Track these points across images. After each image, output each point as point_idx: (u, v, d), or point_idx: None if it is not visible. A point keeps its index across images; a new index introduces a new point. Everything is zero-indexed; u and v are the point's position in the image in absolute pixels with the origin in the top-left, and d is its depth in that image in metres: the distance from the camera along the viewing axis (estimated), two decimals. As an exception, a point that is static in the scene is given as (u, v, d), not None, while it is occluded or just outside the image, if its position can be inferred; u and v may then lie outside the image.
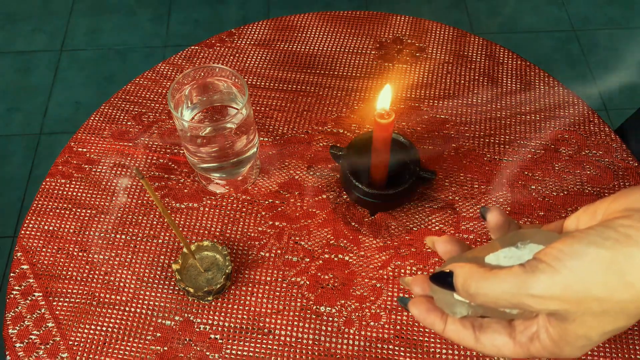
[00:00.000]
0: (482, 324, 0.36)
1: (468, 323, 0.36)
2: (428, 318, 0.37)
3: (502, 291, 0.31)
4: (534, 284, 0.30)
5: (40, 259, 0.62)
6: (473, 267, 0.33)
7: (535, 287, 0.30)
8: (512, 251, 0.34)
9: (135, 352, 0.56)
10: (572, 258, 0.29)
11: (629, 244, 0.29)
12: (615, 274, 0.29)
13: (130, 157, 0.69)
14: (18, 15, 1.84)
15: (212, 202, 0.65)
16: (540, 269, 0.30)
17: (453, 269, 0.34)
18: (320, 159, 0.68)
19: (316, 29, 0.82)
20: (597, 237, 0.30)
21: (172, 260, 0.61)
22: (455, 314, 0.36)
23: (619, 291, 0.29)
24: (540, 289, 0.30)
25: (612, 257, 0.29)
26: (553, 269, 0.30)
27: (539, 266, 0.30)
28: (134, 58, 1.73)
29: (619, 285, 0.29)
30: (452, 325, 0.37)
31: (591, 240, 0.30)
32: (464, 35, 0.81)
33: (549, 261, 0.30)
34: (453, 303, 0.36)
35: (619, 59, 1.71)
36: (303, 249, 0.62)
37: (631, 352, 0.55)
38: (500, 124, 0.72)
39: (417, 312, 0.38)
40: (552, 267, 0.30)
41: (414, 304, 0.38)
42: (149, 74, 0.77)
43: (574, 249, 0.30)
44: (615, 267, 0.29)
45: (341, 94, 0.75)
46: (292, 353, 0.56)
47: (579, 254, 0.29)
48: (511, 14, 1.83)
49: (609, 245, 0.29)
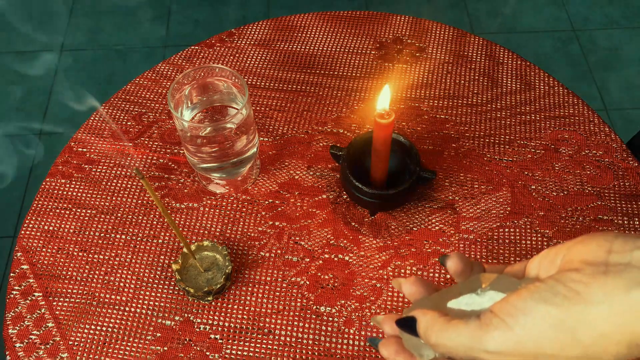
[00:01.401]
0: None
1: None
2: (397, 358, 0.38)
3: (458, 344, 0.32)
4: (487, 340, 0.31)
5: (40, 259, 0.62)
6: (434, 316, 0.34)
7: (489, 343, 0.31)
8: (473, 298, 0.35)
9: (135, 352, 0.56)
10: (524, 314, 0.30)
11: (577, 301, 0.29)
12: (564, 331, 0.29)
13: (130, 157, 0.69)
14: (18, 16, 1.84)
15: (212, 202, 0.65)
16: (493, 325, 0.31)
17: (416, 316, 0.35)
18: (320, 159, 0.68)
19: (316, 29, 0.82)
20: (547, 292, 0.30)
21: (172, 260, 0.61)
22: (422, 356, 0.37)
23: (568, 348, 0.30)
24: (493, 345, 0.31)
25: (561, 314, 0.29)
26: (506, 325, 0.31)
27: (493, 321, 0.31)
28: (134, 58, 1.73)
29: (568, 342, 0.29)
30: None
31: (542, 297, 0.30)
32: (464, 35, 0.81)
33: (503, 316, 0.31)
34: (420, 346, 0.37)
35: (619, 59, 1.71)
36: (303, 249, 0.62)
37: (631, 352, 0.55)
38: (500, 124, 0.72)
39: (387, 354, 0.39)
40: (505, 322, 0.31)
41: (383, 345, 0.39)
42: (149, 74, 0.77)
43: (526, 305, 0.30)
44: (564, 325, 0.29)
45: (341, 94, 0.75)
46: (292, 353, 0.56)
47: (530, 310, 0.30)
48: (511, 14, 1.83)
49: (558, 302, 0.30)
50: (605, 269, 0.29)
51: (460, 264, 0.39)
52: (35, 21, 1.82)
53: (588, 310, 0.29)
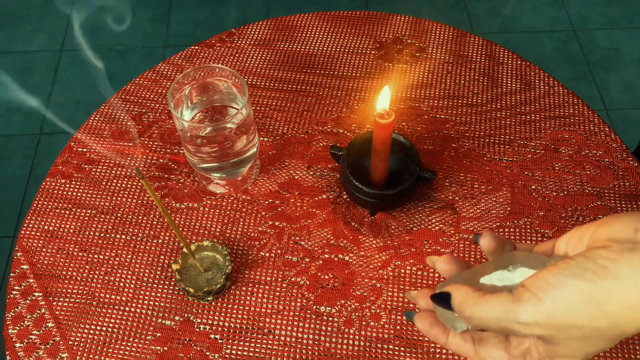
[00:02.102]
0: (482, 337, 0.39)
1: (468, 336, 0.39)
2: (432, 331, 0.40)
3: (491, 316, 0.34)
4: (520, 312, 0.33)
5: (40, 259, 0.62)
6: (468, 291, 0.36)
7: (521, 314, 0.33)
8: (504, 274, 0.37)
9: (135, 352, 0.56)
10: (555, 288, 0.32)
11: (605, 276, 0.31)
12: (593, 304, 0.31)
13: (130, 157, 0.69)
14: (18, 15, 1.84)
15: (212, 202, 0.65)
16: (525, 298, 0.33)
17: (450, 291, 0.37)
18: (320, 159, 0.68)
19: (316, 29, 0.82)
20: (577, 268, 0.32)
21: (172, 260, 0.61)
22: (456, 328, 0.39)
23: (597, 320, 0.32)
24: (525, 317, 0.33)
25: (590, 289, 0.31)
26: (537, 298, 0.32)
27: (525, 295, 0.33)
28: (134, 58, 1.73)
29: (596, 314, 0.31)
30: (453, 338, 0.40)
31: (572, 272, 0.32)
32: (464, 35, 0.81)
33: (534, 290, 0.33)
34: (453, 319, 0.38)
35: (619, 59, 1.71)
36: (303, 249, 0.62)
37: (631, 352, 0.55)
38: (500, 124, 0.72)
39: (422, 326, 0.41)
40: (536, 296, 0.33)
41: (419, 318, 0.41)
42: (149, 74, 0.77)
43: (556, 279, 0.32)
44: (593, 299, 0.31)
45: (341, 94, 0.75)
46: (292, 353, 0.56)
47: (561, 284, 0.32)
48: (511, 14, 1.83)
49: (588, 277, 0.31)
50: (632, 246, 0.31)
51: (493, 243, 0.40)
52: (35, 21, 1.82)
53: (615, 284, 0.31)
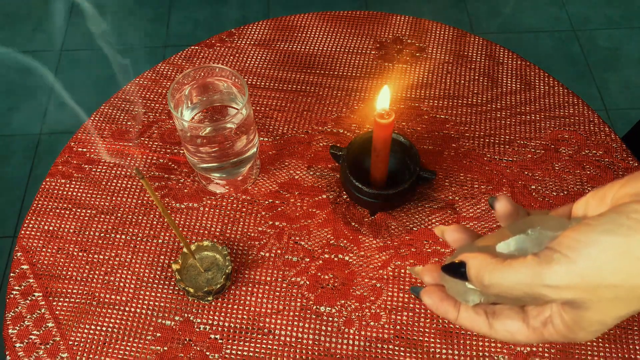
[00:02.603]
0: (495, 311, 0.36)
1: (481, 310, 0.36)
2: (441, 307, 0.37)
3: (516, 282, 0.31)
4: (549, 274, 0.30)
5: (40, 259, 0.62)
6: (486, 258, 0.33)
7: (551, 277, 0.30)
8: (523, 238, 0.34)
9: (135, 352, 0.56)
10: (588, 246, 0.30)
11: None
12: (629, 260, 0.29)
13: (130, 157, 0.69)
14: (18, 15, 1.84)
15: (212, 202, 0.65)
16: (555, 259, 0.30)
17: (465, 260, 0.34)
18: (320, 159, 0.68)
19: (316, 29, 0.82)
20: (611, 224, 0.30)
21: (172, 260, 0.61)
22: (468, 302, 0.36)
23: (632, 276, 0.29)
24: (555, 279, 0.30)
25: (626, 244, 0.29)
26: (568, 259, 0.30)
27: (554, 256, 0.30)
28: (134, 58, 1.73)
29: (634, 271, 0.29)
30: (465, 312, 0.37)
31: (605, 229, 0.30)
32: (464, 35, 0.81)
33: (564, 251, 0.30)
34: (465, 291, 0.36)
35: (619, 59, 1.71)
36: (303, 249, 0.62)
37: (631, 352, 0.55)
38: (500, 124, 0.72)
39: (430, 301, 0.38)
40: (567, 256, 0.30)
41: (426, 293, 0.38)
42: (149, 74, 0.77)
43: (589, 237, 0.30)
44: (630, 254, 0.29)
45: (341, 94, 0.75)
46: (292, 353, 0.56)
47: (594, 242, 0.29)
48: (511, 14, 1.83)
49: (623, 232, 0.29)
50: None
51: (509, 206, 0.38)
52: (35, 21, 1.82)
53: None
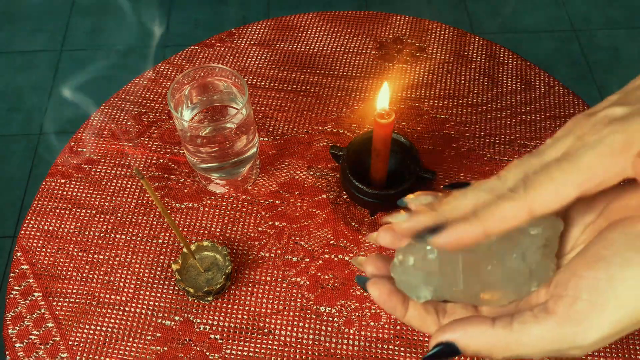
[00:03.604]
0: (446, 309, 0.33)
1: (431, 308, 0.33)
2: (389, 301, 0.32)
3: (540, 350, 0.27)
4: (580, 334, 0.26)
5: (40, 259, 0.62)
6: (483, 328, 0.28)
7: (584, 337, 0.26)
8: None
9: (135, 352, 0.56)
10: (613, 286, 0.26)
11: None
12: None
13: (130, 157, 0.69)
14: (18, 15, 1.84)
15: (212, 202, 0.65)
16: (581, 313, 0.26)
17: (454, 341, 0.29)
18: (320, 159, 0.68)
19: (316, 29, 0.82)
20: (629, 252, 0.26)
21: (172, 260, 0.61)
22: (419, 298, 0.33)
23: None
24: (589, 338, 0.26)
25: None
26: (595, 308, 0.26)
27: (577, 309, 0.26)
28: (134, 58, 1.73)
29: None
30: (414, 310, 0.33)
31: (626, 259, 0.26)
32: (464, 35, 0.81)
33: (587, 297, 0.26)
34: (416, 286, 0.32)
35: (619, 59, 1.71)
36: (303, 249, 0.62)
37: (631, 352, 0.55)
38: (500, 124, 0.72)
39: (377, 294, 0.33)
40: (593, 304, 0.26)
41: (374, 285, 0.33)
42: (149, 74, 0.77)
43: (610, 274, 0.26)
44: None
45: (341, 94, 0.75)
46: (292, 353, 0.56)
47: (620, 278, 0.26)
48: (511, 14, 1.83)
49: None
50: None
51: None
52: (35, 21, 1.82)
53: None
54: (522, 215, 0.27)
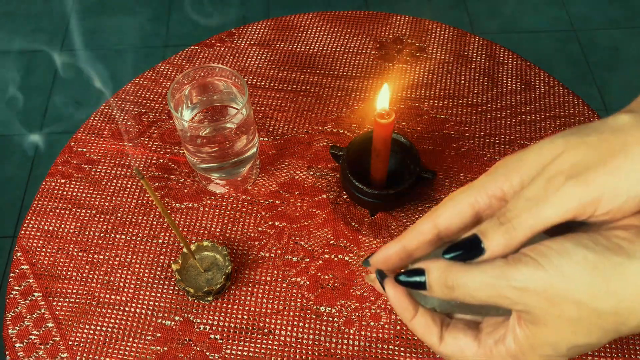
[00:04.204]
0: (449, 323, 0.35)
1: (438, 319, 0.35)
2: (403, 302, 0.34)
3: (481, 281, 0.30)
4: (515, 274, 0.29)
5: (40, 259, 0.62)
6: (449, 262, 0.32)
7: (516, 277, 0.29)
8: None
9: (135, 352, 0.56)
10: (559, 255, 0.29)
11: (618, 253, 0.28)
12: (599, 278, 0.28)
13: (130, 157, 0.69)
14: (18, 15, 1.84)
15: (212, 202, 0.65)
16: (523, 262, 0.29)
17: (424, 266, 0.33)
18: (320, 159, 0.68)
19: (316, 29, 0.82)
20: (588, 240, 0.29)
21: (172, 260, 0.61)
22: (426, 303, 0.35)
23: (599, 298, 0.28)
24: (521, 280, 0.29)
25: (599, 262, 0.28)
26: (537, 263, 0.29)
27: (523, 259, 0.29)
28: (134, 58, 1.73)
29: (601, 291, 0.28)
30: (421, 317, 0.35)
31: (581, 242, 0.29)
32: (464, 35, 0.81)
33: (534, 256, 0.29)
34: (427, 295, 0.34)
35: (619, 59, 1.71)
36: (303, 249, 0.62)
37: (631, 352, 0.55)
38: (500, 124, 0.72)
39: (393, 293, 0.35)
40: (536, 261, 0.29)
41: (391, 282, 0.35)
42: (149, 74, 0.77)
43: (562, 246, 0.29)
44: (601, 273, 0.28)
45: (341, 94, 0.75)
46: (292, 353, 0.56)
47: (567, 252, 0.29)
48: (511, 14, 1.83)
49: (599, 250, 0.28)
50: None
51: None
52: (35, 21, 1.82)
53: (628, 263, 0.28)
54: (429, 229, 0.34)
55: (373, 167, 0.59)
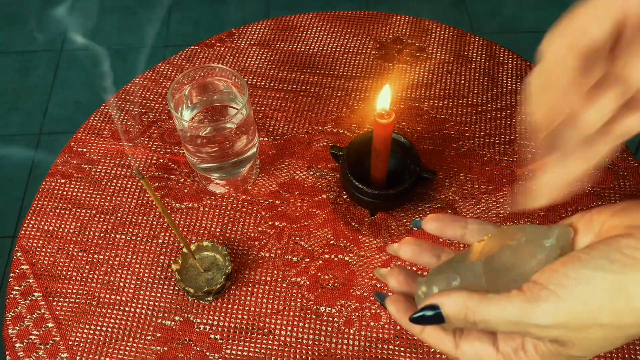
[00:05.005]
0: (463, 330, 0.34)
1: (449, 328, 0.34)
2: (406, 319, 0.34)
3: (502, 320, 0.30)
4: (537, 313, 0.29)
5: (40, 259, 0.62)
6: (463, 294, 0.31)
7: (540, 317, 0.29)
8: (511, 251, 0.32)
9: (135, 352, 0.56)
10: (578, 284, 0.28)
11: (636, 267, 0.28)
12: (622, 299, 0.28)
13: (130, 157, 0.69)
14: (18, 15, 1.84)
15: (212, 202, 0.65)
16: (543, 297, 0.29)
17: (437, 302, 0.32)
18: (320, 159, 0.68)
19: (316, 29, 0.82)
20: (603, 260, 0.28)
21: (172, 260, 0.61)
22: None
23: (623, 315, 0.28)
24: (544, 319, 0.29)
25: (619, 282, 0.28)
26: (557, 297, 0.29)
27: (542, 293, 0.29)
28: (134, 58, 1.73)
29: (624, 309, 0.28)
30: (431, 329, 0.34)
31: (597, 264, 0.28)
32: (464, 35, 0.81)
33: (552, 287, 0.29)
34: None
35: (619, 59, 1.71)
36: (303, 249, 0.62)
37: (631, 352, 0.55)
38: (500, 124, 0.71)
39: (395, 311, 0.35)
40: (555, 293, 0.29)
41: (392, 302, 0.35)
42: (149, 74, 0.77)
43: (579, 274, 0.28)
44: (622, 292, 0.28)
45: (341, 94, 0.75)
46: (292, 353, 0.56)
47: (585, 279, 0.28)
48: (511, 14, 1.83)
49: (616, 269, 0.28)
50: None
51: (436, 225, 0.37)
52: (35, 21, 1.82)
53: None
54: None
55: (373, 167, 0.59)
